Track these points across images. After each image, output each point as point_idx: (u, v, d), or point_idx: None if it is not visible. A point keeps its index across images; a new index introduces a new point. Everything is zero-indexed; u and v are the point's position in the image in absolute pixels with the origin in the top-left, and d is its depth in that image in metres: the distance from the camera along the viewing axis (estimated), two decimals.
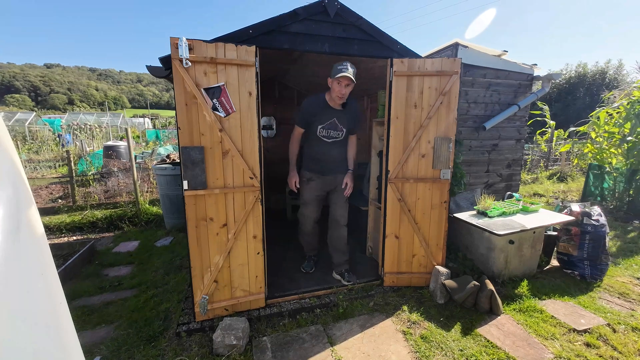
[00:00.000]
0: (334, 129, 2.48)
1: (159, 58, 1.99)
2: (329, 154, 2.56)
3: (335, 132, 2.50)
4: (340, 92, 2.30)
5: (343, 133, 2.53)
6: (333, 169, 2.62)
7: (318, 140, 2.52)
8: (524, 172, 8.23)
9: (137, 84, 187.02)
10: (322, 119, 2.44)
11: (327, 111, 2.44)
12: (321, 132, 2.47)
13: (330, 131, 2.48)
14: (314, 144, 2.55)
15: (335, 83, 2.31)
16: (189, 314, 2.31)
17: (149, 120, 25.98)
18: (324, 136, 2.49)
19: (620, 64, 17.22)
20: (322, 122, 2.45)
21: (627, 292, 2.68)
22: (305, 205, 2.71)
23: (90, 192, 5.42)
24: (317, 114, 2.43)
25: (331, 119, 2.45)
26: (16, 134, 14.50)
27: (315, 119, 2.44)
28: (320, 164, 2.58)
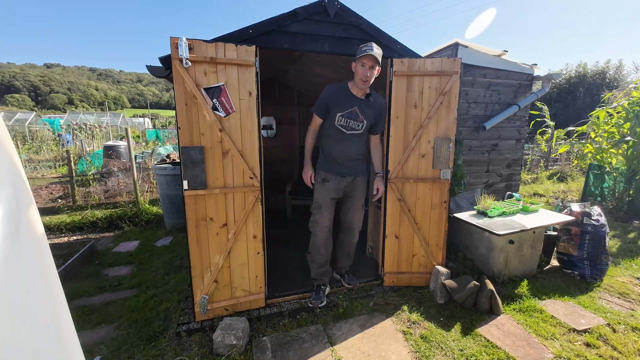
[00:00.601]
0: (354, 119, 2.23)
1: (159, 58, 1.99)
2: (348, 150, 2.31)
3: (355, 122, 2.24)
4: (365, 75, 2.07)
5: (363, 125, 2.27)
6: (352, 168, 2.37)
7: (336, 132, 2.27)
8: (524, 172, 8.23)
9: (137, 83, 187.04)
10: (343, 106, 2.21)
11: (349, 99, 2.21)
12: (340, 120, 2.22)
13: (349, 121, 2.23)
14: (331, 135, 2.29)
15: (358, 65, 2.10)
16: (189, 313, 2.31)
17: (149, 120, 25.97)
18: (342, 126, 2.24)
19: (620, 64, 17.23)
20: (342, 110, 2.21)
21: (627, 292, 2.68)
22: (318, 210, 2.38)
23: (90, 192, 5.42)
24: (338, 101, 2.21)
25: (352, 107, 2.21)
26: (16, 134, 14.50)
27: (335, 106, 2.21)
28: (337, 161, 2.33)
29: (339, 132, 2.26)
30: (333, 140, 2.31)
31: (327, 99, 2.23)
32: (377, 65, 2.07)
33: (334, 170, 2.34)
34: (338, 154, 2.32)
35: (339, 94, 2.22)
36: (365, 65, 2.07)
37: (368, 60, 2.05)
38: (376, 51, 2.02)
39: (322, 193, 2.36)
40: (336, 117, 2.22)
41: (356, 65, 2.12)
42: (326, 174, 2.36)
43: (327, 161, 2.36)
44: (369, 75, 2.08)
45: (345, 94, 2.22)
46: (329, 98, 2.22)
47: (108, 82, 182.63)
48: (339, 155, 2.32)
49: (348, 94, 2.22)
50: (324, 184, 2.36)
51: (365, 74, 2.08)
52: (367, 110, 2.25)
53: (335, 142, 2.30)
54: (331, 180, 2.34)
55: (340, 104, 2.21)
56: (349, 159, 2.34)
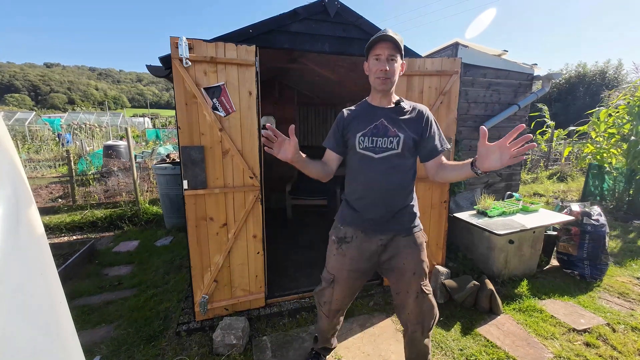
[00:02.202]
0: (383, 134, 1.43)
1: (159, 57, 1.98)
2: (381, 181, 1.43)
3: (386, 138, 1.42)
4: (381, 69, 1.39)
5: (400, 140, 1.42)
6: (389, 219, 1.45)
7: (360, 160, 1.46)
8: (524, 172, 8.23)
9: (137, 83, 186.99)
10: (362, 123, 1.48)
11: (370, 112, 1.50)
12: (362, 142, 1.44)
13: (377, 139, 1.43)
14: (354, 170, 1.50)
15: (371, 60, 1.42)
16: (189, 313, 2.31)
17: (149, 120, 25.97)
18: (367, 149, 1.44)
19: (619, 63, 17.23)
20: (363, 127, 1.46)
21: (627, 291, 2.68)
22: (327, 283, 1.59)
23: (90, 191, 5.42)
24: (356, 119, 1.51)
25: (377, 120, 1.46)
26: (16, 134, 14.49)
27: (352, 128, 1.50)
28: (362, 209, 1.47)
29: (365, 159, 1.44)
30: (356, 176, 1.48)
31: (339, 121, 1.55)
32: (398, 53, 1.39)
33: (357, 223, 1.49)
34: (364, 196, 1.46)
35: (355, 112, 1.55)
36: (381, 56, 1.38)
37: (384, 49, 1.37)
38: (393, 35, 1.36)
39: (337, 260, 1.54)
40: (357, 140, 1.45)
41: (369, 63, 1.45)
42: (346, 229, 1.52)
43: (347, 210, 1.53)
44: (389, 69, 1.37)
45: (363, 109, 1.53)
46: (342, 119, 1.54)
47: (108, 81, 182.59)
48: (366, 194, 1.45)
49: (367, 107, 1.53)
50: (341, 246, 1.52)
51: (382, 67, 1.38)
52: (400, 118, 1.46)
53: (360, 178, 1.47)
54: (352, 240, 1.49)
55: (359, 121, 1.49)
56: (382, 200, 1.43)
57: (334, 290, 1.56)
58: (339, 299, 1.58)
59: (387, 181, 1.42)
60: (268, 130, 1.32)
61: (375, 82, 1.44)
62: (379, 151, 1.42)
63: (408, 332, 1.54)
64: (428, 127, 1.47)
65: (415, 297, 1.45)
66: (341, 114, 1.57)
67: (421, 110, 1.50)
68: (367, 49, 1.44)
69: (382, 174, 1.42)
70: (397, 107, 1.49)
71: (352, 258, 1.49)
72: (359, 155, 1.45)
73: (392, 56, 1.39)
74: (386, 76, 1.39)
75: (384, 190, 1.42)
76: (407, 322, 1.51)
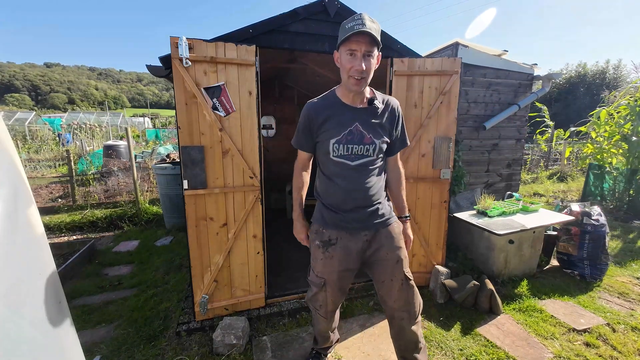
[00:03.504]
0: (359, 141, 1.39)
1: (159, 57, 1.99)
2: (359, 189, 1.43)
3: (361, 146, 1.39)
4: (356, 68, 1.25)
5: (375, 147, 1.41)
6: (371, 217, 1.46)
7: (335, 167, 1.43)
8: (524, 172, 8.23)
9: (137, 83, 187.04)
10: (335, 127, 1.39)
11: (342, 113, 1.40)
12: (337, 149, 1.39)
13: (352, 146, 1.39)
14: (329, 174, 1.46)
15: (344, 54, 1.29)
16: (189, 313, 2.31)
17: (149, 120, 25.99)
18: (343, 156, 1.40)
19: (619, 63, 17.24)
20: (337, 133, 1.39)
21: (627, 291, 2.68)
22: (321, 288, 1.55)
23: (90, 191, 5.42)
24: (327, 121, 1.41)
25: (350, 125, 1.39)
26: (16, 134, 14.49)
27: (324, 131, 1.41)
28: (343, 209, 1.45)
29: (340, 166, 1.42)
30: (333, 181, 1.45)
31: (309, 121, 1.45)
32: (375, 48, 1.26)
33: (340, 225, 1.47)
34: (344, 200, 1.44)
35: (325, 110, 1.42)
36: (356, 53, 1.25)
37: (360, 44, 1.23)
38: (370, 25, 1.22)
39: (325, 264, 1.50)
40: (331, 147, 1.40)
41: (340, 55, 1.33)
42: (329, 231, 1.48)
43: (327, 212, 1.49)
44: (365, 67, 1.25)
45: (334, 108, 1.42)
46: (312, 120, 1.44)
47: (108, 81, 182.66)
48: (347, 201, 1.44)
49: (339, 106, 1.42)
50: (327, 249, 1.48)
51: (357, 67, 1.25)
52: (374, 122, 1.42)
53: (337, 183, 1.44)
54: (338, 241, 1.47)
55: (331, 125, 1.40)
56: (363, 204, 1.44)
57: (327, 293, 1.55)
58: (333, 300, 1.59)
59: (365, 185, 1.44)
60: None
61: (349, 81, 1.32)
62: (354, 158, 1.41)
63: (395, 322, 1.54)
64: (399, 127, 1.53)
65: (400, 284, 1.48)
66: (309, 111, 1.45)
67: (393, 107, 1.50)
68: (340, 39, 1.29)
69: (359, 178, 1.43)
70: (371, 107, 1.43)
71: (340, 259, 1.48)
72: (334, 161, 1.43)
73: (369, 52, 1.25)
74: (362, 76, 1.28)
75: (364, 194, 1.43)
76: (394, 312, 1.52)
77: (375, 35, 1.23)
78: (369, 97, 1.44)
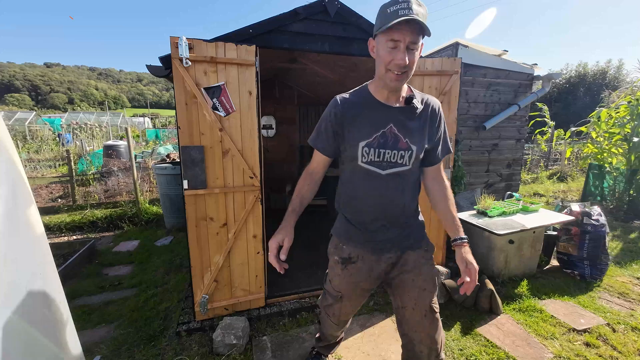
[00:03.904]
0: (393, 145, 1.17)
1: (159, 57, 1.99)
2: (389, 203, 1.22)
3: (395, 151, 1.17)
4: (397, 60, 1.04)
5: (411, 154, 1.18)
6: (399, 237, 1.27)
7: (363, 175, 1.21)
8: (524, 172, 8.23)
9: (137, 83, 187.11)
10: (366, 128, 1.18)
11: (375, 112, 1.19)
12: (366, 154, 1.18)
13: (384, 152, 1.17)
14: (354, 184, 1.25)
15: (383, 44, 1.06)
16: (189, 313, 2.31)
17: (149, 120, 26.00)
18: (373, 163, 1.18)
19: (620, 63, 17.24)
20: (368, 135, 1.17)
21: (627, 291, 2.68)
22: (334, 299, 1.44)
23: (90, 191, 5.42)
24: (356, 120, 1.19)
25: (384, 126, 1.17)
26: (16, 134, 14.50)
27: (352, 131, 1.19)
28: (368, 225, 1.26)
29: (369, 175, 1.20)
30: (359, 192, 1.25)
31: (334, 118, 1.21)
32: (420, 38, 1.06)
33: (364, 243, 1.29)
34: (371, 215, 1.24)
35: (355, 107, 1.21)
36: (400, 44, 1.03)
37: (405, 34, 1.01)
38: (417, 9, 1.00)
39: (343, 281, 1.37)
40: (359, 151, 1.18)
41: (377, 44, 1.10)
42: (351, 248, 1.32)
43: (349, 227, 1.31)
44: (409, 61, 1.05)
45: (366, 106, 1.20)
46: (338, 116, 1.21)
47: (108, 81, 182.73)
48: (374, 218, 1.24)
49: (371, 104, 1.20)
50: (346, 266, 1.33)
51: (399, 60, 1.04)
52: (411, 124, 1.19)
53: (364, 195, 1.23)
54: (359, 260, 1.31)
55: (361, 124, 1.18)
56: (392, 222, 1.25)
57: (342, 305, 1.45)
58: (348, 312, 1.51)
59: (397, 199, 1.22)
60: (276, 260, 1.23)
61: (386, 76, 1.09)
62: (386, 166, 1.18)
63: (410, 353, 1.38)
64: (440, 131, 1.26)
65: (422, 315, 1.27)
66: (336, 105, 1.22)
67: (434, 108, 1.24)
68: (380, 28, 1.04)
69: (391, 192, 1.20)
70: (409, 107, 1.19)
71: (359, 278, 1.34)
72: (362, 169, 1.20)
73: (414, 43, 1.04)
74: (403, 71, 1.07)
75: (394, 210, 1.23)
76: (411, 343, 1.35)
77: (423, 22, 1.01)
78: (406, 96, 1.21)
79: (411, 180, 1.24)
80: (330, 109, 1.23)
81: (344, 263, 1.34)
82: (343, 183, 1.32)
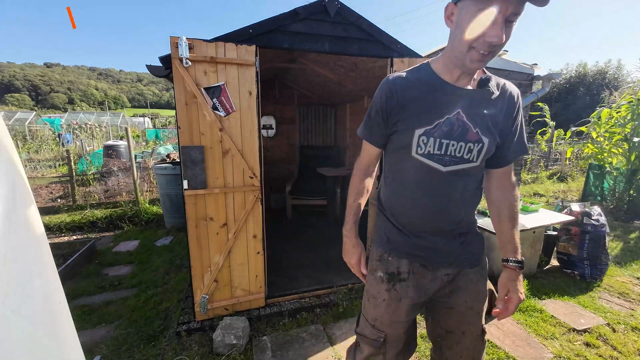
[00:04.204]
0: (460, 136, 0.94)
1: (159, 57, 1.98)
2: (450, 208, 1.00)
3: (462, 143, 0.94)
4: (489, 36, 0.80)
5: (482, 148, 0.94)
6: (459, 249, 1.04)
7: (418, 172, 0.98)
8: (524, 172, 8.23)
9: (137, 83, 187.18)
10: (426, 113, 0.95)
11: (440, 95, 0.95)
12: (423, 145, 0.95)
13: (448, 143, 0.94)
14: (406, 181, 1.02)
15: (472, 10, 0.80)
16: (189, 313, 2.31)
17: (149, 120, 26.01)
18: (431, 156, 0.95)
19: (620, 64, 17.25)
20: (428, 121, 0.94)
21: (627, 291, 2.68)
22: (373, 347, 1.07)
23: (91, 191, 5.42)
24: (413, 103, 0.96)
25: (451, 110, 0.94)
26: (16, 134, 14.50)
27: (407, 116, 0.96)
28: (422, 235, 1.02)
29: (426, 170, 0.97)
30: (411, 192, 1.01)
31: (386, 101, 0.99)
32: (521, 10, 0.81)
33: (415, 254, 1.04)
34: (426, 221, 1.01)
35: (413, 87, 0.97)
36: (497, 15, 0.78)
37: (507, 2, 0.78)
38: None
39: (389, 309, 1.04)
40: (415, 140, 0.95)
41: (460, 14, 0.84)
42: (397, 260, 1.05)
43: (396, 234, 1.06)
44: (505, 37, 0.81)
45: (428, 87, 0.96)
46: (391, 99, 0.97)
47: (108, 81, 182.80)
48: (430, 223, 1.01)
49: (435, 84, 0.95)
50: (394, 285, 1.04)
51: (492, 36, 0.80)
52: (485, 112, 0.95)
53: (418, 195, 1.00)
54: (409, 276, 1.04)
55: (420, 108, 0.95)
56: (453, 229, 1.02)
57: (387, 355, 1.05)
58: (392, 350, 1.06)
59: (460, 205, 0.98)
60: None
61: (469, 55, 0.83)
62: (449, 162, 0.93)
63: None
64: (517, 125, 0.99)
65: (472, 340, 1.09)
66: (387, 85, 0.98)
67: (512, 95, 0.97)
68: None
69: (452, 192, 0.96)
70: (484, 90, 0.94)
71: (410, 303, 1.02)
72: (416, 163, 0.95)
73: (516, 15, 0.80)
74: (491, 50, 0.82)
75: (455, 216, 0.99)
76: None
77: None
78: (480, 77, 0.96)
79: (476, 179, 1.00)
80: (381, 91, 1.00)
81: (391, 281, 1.04)
82: (388, 179, 1.07)
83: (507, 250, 1.06)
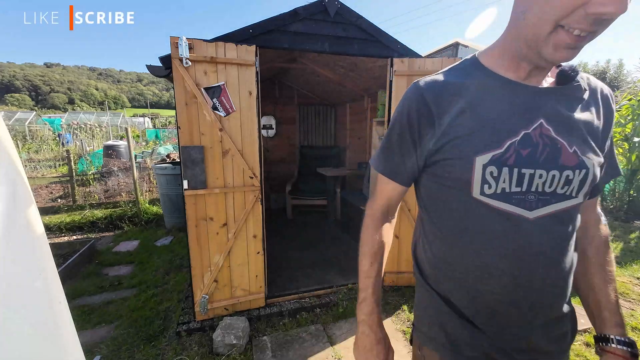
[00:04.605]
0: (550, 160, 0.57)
1: (159, 57, 1.98)
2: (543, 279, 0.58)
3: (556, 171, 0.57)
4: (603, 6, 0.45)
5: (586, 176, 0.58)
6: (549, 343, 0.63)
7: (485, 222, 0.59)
8: None
9: (137, 83, 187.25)
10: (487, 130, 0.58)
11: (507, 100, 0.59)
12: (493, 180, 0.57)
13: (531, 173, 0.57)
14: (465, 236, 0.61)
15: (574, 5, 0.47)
16: (189, 313, 2.31)
17: (149, 120, 26.01)
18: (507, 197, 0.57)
19: (620, 64, 17.26)
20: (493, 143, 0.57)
21: (627, 291, 2.68)
22: None
23: (90, 191, 5.42)
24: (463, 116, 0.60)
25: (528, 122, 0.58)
26: (16, 134, 14.50)
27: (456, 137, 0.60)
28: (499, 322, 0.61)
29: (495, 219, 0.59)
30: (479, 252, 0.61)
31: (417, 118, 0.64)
32: None
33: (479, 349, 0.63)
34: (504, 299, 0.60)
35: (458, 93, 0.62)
36: None
37: None
38: None
39: None
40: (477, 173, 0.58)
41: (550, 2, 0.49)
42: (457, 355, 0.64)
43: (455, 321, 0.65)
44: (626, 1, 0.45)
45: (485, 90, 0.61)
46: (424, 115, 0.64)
47: (108, 81, 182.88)
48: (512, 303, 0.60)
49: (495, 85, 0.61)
50: None
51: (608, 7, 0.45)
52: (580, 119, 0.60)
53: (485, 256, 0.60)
54: None
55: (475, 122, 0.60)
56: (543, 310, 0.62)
57: None
58: None
59: (561, 269, 0.61)
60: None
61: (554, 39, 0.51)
62: (536, 203, 0.58)
63: None
64: (609, 138, 0.68)
65: None
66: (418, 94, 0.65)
67: (605, 95, 0.66)
68: None
69: (549, 254, 0.59)
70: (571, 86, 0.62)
71: None
72: (480, 207, 0.60)
73: None
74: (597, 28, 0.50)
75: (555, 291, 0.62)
76: None
77: None
78: (561, 69, 0.64)
79: (576, 222, 0.63)
80: (408, 102, 0.66)
81: None
82: (434, 233, 0.69)
83: (605, 322, 0.73)
